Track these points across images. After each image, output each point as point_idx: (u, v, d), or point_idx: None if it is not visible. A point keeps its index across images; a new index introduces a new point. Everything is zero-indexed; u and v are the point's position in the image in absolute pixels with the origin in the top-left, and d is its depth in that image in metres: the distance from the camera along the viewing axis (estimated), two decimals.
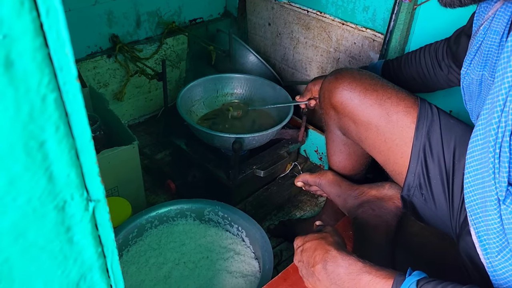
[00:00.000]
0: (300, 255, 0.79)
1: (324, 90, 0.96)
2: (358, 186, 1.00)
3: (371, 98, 0.88)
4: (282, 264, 1.29)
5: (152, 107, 1.79)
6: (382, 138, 0.88)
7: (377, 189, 0.98)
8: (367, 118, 0.89)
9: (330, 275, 0.71)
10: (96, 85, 1.58)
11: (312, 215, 1.45)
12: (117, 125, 1.29)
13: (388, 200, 0.95)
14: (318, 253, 0.75)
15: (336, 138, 1.02)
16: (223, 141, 1.28)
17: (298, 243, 0.81)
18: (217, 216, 1.18)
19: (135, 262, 1.09)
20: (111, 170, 1.19)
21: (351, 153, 1.03)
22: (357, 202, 0.98)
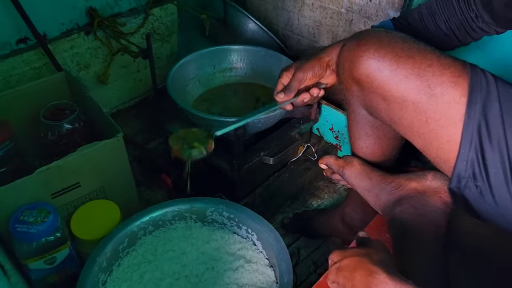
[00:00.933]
0: (335, 274, 0.62)
1: (344, 60, 0.76)
2: (394, 178, 0.81)
3: (405, 67, 0.68)
4: (300, 265, 1.11)
5: (143, 89, 1.60)
6: (422, 118, 0.69)
7: (418, 181, 0.78)
8: (402, 93, 0.69)
9: None
10: (75, 68, 1.38)
11: (331, 203, 1.27)
12: (99, 114, 1.10)
13: (432, 195, 0.76)
14: (359, 274, 0.58)
15: (361, 119, 0.83)
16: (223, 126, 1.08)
17: (334, 258, 0.64)
18: (221, 217, 1.00)
19: (127, 279, 0.91)
20: (93, 168, 1.00)
21: (380, 136, 0.84)
22: (394, 198, 0.79)
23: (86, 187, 1.02)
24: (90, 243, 0.95)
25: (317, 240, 1.17)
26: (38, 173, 0.92)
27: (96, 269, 0.88)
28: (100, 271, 0.89)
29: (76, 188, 1.00)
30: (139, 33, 1.46)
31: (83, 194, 1.02)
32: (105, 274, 0.91)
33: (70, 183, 0.98)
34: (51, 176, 0.94)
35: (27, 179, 0.91)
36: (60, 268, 0.96)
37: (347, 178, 0.86)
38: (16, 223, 0.89)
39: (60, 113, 1.11)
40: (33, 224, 0.89)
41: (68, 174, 0.97)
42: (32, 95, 1.15)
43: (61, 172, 0.95)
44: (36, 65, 1.29)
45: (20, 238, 0.88)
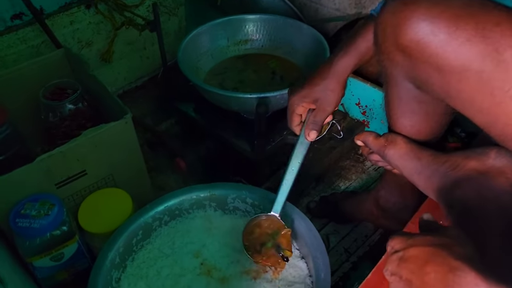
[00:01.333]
0: (396, 265, 0.51)
1: (386, 25, 0.64)
2: (448, 157, 0.69)
3: (467, 28, 0.56)
4: (330, 253, 1.01)
5: (150, 67, 1.49)
6: (487, 89, 0.57)
7: (479, 159, 0.67)
8: (462, 61, 0.57)
9: None
10: (77, 46, 1.28)
11: (360, 185, 1.17)
12: (105, 94, 0.99)
13: (497, 176, 0.65)
14: (434, 269, 0.46)
15: (406, 94, 0.71)
16: (242, 103, 0.98)
17: (396, 245, 0.53)
18: (245, 204, 0.90)
19: (143, 276, 0.82)
20: (100, 154, 0.91)
21: (429, 113, 0.72)
22: (450, 181, 0.67)
23: (93, 175, 0.92)
24: (101, 237, 0.86)
25: (347, 225, 1.07)
26: (39, 161, 0.82)
27: (109, 266, 0.79)
28: (112, 268, 0.80)
29: (82, 177, 0.90)
30: (144, 6, 1.35)
31: (90, 183, 0.92)
32: (118, 271, 0.81)
33: (75, 171, 0.89)
34: (54, 164, 0.84)
35: (28, 167, 0.81)
36: (69, 264, 0.87)
37: (390, 159, 0.75)
38: (17, 218, 0.79)
39: (62, 92, 1.01)
40: (36, 218, 0.79)
41: (73, 161, 0.87)
42: (30, 75, 1.05)
43: (64, 160, 0.85)
44: (33, 43, 1.19)
45: (22, 234, 0.78)
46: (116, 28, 1.27)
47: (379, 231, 1.05)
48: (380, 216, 0.98)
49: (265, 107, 0.92)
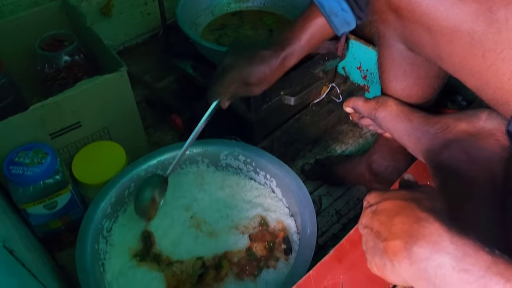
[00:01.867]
0: (369, 218, 0.51)
1: None
2: (439, 118, 0.68)
3: None
4: (321, 214, 1.03)
5: (152, 23, 1.47)
6: (478, 51, 0.55)
7: (469, 121, 0.66)
8: (453, 21, 0.55)
9: (418, 265, 0.42)
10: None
11: (357, 149, 1.16)
12: (101, 47, 0.98)
13: (487, 137, 0.64)
14: (401, 220, 0.46)
15: (398, 56, 0.70)
16: None
17: (371, 199, 0.53)
18: (237, 161, 0.90)
19: (133, 226, 0.83)
20: (95, 106, 0.91)
21: (421, 75, 0.71)
22: (440, 142, 0.67)
23: (88, 127, 0.92)
24: (94, 188, 0.87)
25: (340, 188, 1.08)
26: (33, 110, 0.82)
27: (100, 215, 0.80)
28: (104, 218, 0.81)
29: (77, 128, 0.91)
30: None
31: (85, 135, 0.93)
32: (110, 221, 0.83)
33: (70, 122, 0.89)
34: (48, 114, 0.85)
35: (21, 116, 0.81)
36: (62, 213, 0.88)
37: (381, 122, 0.75)
38: (10, 165, 0.80)
39: (58, 44, 1.00)
40: (29, 166, 0.80)
41: (67, 112, 0.87)
42: (27, 26, 1.04)
43: (59, 110, 0.85)
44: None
45: (16, 181, 0.80)
46: None
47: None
48: (372, 180, 0.98)
49: None
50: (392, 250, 0.45)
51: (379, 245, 0.48)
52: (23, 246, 0.66)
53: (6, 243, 0.51)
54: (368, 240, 0.50)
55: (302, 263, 0.71)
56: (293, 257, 0.78)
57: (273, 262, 0.78)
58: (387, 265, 0.46)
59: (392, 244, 0.45)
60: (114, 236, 0.82)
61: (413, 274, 0.43)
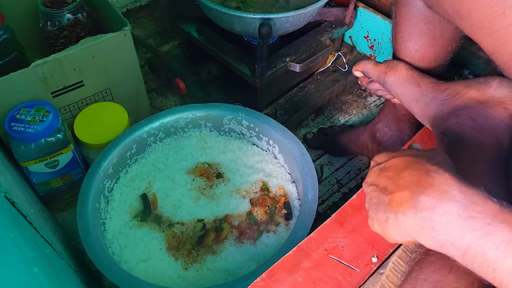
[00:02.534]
0: (375, 176, 0.49)
1: None
2: (449, 85, 0.67)
3: None
4: (322, 183, 1.02)
5: None
6: (499, 8, 0.53)
7: (479, 88, 0.65)
8: None
9: (424, 213, 0.41)
10: None
11: (360, 120, 1.15)
12: (105, 6, 0.96)
13: (496, 105, 0.63)
14: (409, 173, 0.44)
15: (415, 13, 0.68)
16: (246, 24, 0.94)
17: (379, 159, 0.51)
18: (240, 126, 0.89)
19: (135, 187, 0.83)
20: (98, 66, 0.89)
21: (436, 36, 0.69)
22: (448, 109, 0.66)
23: (91, 87, 0.91)
24: (96, 148, 0.87)
25: (342, 158, 1.07)
26: (34, 66, 0.81)
27: (102, 175, 0.80)
28: (105, 178, 0.81)
29: (79, 88, 0.89)
30: None
31: (87, 95, 0.92)
32: (111, 181, 0.83)
33: (72, 81, 0.88)
34: (50, 72, 0.83)
35: (23, 72, 0.80)
36: (64, 172, 0.88)
37: (390, 86, 0.73)
38: (12, 122, 0.80)
39: (61, 1, 0.97)
40: (31, 123, 0.79)
41: (70, 70, 0.86)
42: None
43: (61, 68, 0.84)
44: None
45: (17, 137, 0.79)
46: None
47: None
48: (375, 149, 0.97)
49: (268, 29, 0.89)
50: (398, 201, 0.43)
51: (384, 199, 0.46)
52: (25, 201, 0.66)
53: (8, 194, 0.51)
54: (372, 197, 0.49)
55: (302, 228, 0.71)
56: (293, 222, 0.78)
57: (273, 227, 0.78)
58: (390, 219, 0.44)
59: (398, 195, 0.44)
60: (115, 196, 0.82)
61: (417, 224, 0.41)
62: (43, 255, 0.51)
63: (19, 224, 0.49)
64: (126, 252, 0.75)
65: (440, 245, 0.41)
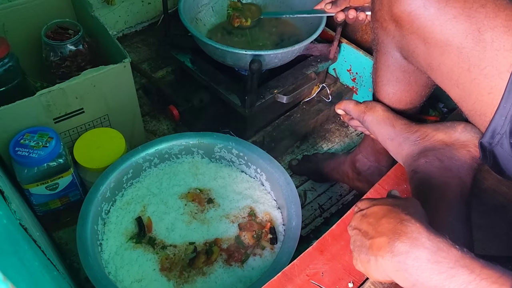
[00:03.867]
0: (358, 221, 0.57)
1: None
2: (419, 127, 0.75)
3: (456, 6, 0.60)
4: (305, 208, 1.09)
5: (151, 13, 1.50)
6: (464, 65, 0.62)
7: (446, 132, 0.73)
8: (447, 36, 0.62)
9: (399, 258, 0.48)
10: None
11: (342, 148, 1.23)
12: (105, 36, 1.02)
13: (460, 148, 0.71)
14: (386, 220, 0.52)
15: (393, 62, 0.76)
16: (238, 59, 1.02)
17: (362, 205, 0.58)
18: (230, 154, 0.96)
19: (130, 210, 0.89)
20: (98, 94, 0.95)
21: (411, 82, 0.77)
22: (418, 149, 0.74)
23: (90, 113, 0.97)
24: (93, 172, 0.92)
25: (324, 184, 1.14)
26: (39, 95, 0.86)
27: (100, 199, 0.85)
28: (103, 201, 0.86)
29: (79, 114, 0.95)
30: None
31: (87, 121, 0.97)
32: (108, 204, 0.88)
33: (73, 108, 0.93)
34: (54, 100, 0.89)
35: (29, 100, 0.86)
36: (63, 194, 0.93)
37: (368, 125, 0.81)
38: (17, 146, 0.85)
39: (63, 32, 1.03)
40: (34, 149, 0.85)
41: (72, 98, 0.91)
42: (33, 11, 1.07)
43: (64, 96, 0.90)
44: None
45: (21, 162, 0.84)
46: None
47: (352, 192, 1.12)
48: (355, 178, 1.04)
49: (258, 65, 0.96)
50: (377, 245, 0.51)
51: (366, 243, 0.53)
52: (31, 224, 0.71)
53: (21, 221, 0.56)
54: (356, 240, 0.56)
55: (286, 252, 0.77)
56: (278, 246, 0.85)
57: (259, 250, 0.84)
58: (371, 260, 0.51)
59: (377, 241, 0.51)
60: (112, 219, 0.88)
61: (393, 266, 0.49)
62: (53, 277, 0.56)
63: (34, 250, 0.54)
64: (122, 272, 0.80)
65: (412, 284, 0.48)
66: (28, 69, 1.06)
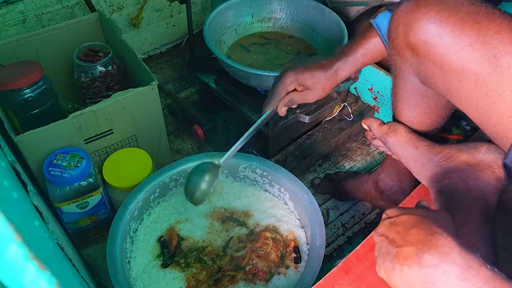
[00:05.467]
0: (386, 228, 0.56)
1: (399, 23, 0.69)
2: (443, 148, 0.76)
3: (470, 34, 0.61)
4: (328, 226, 1.10)
5: (175, 34, 1.55)
6: (483, 90, 0.63)
7: (470, 153, 0.73)
8: (463, 63, 0.62)
9: (427, 270, 0.48)
10: (108, 9, 1.34)
11: (364, 166, 1.24)
12: (133, 59, 1.06)
13: (485, 169, 0.72)
14: (417, 230, 0.51)
15: (411, 87, 0.77)
16: (261, 80, 1.04)
17: (391, 213, 0.59)
18: (254, 174, 0.98)
19: (157, 229, 0.91)
20: (126, 116, 0.98)
21: (431, 106, 0.78)
22: (442, 171, 0.74)
23: (119, 134, 1.00)
24: (122, 191, 0.95)
25: (347, 202, 1.15)
26: (72, 117, 0.90)
27: (128, 217, 0.88)
28: (131, 219, 0.89)
29: (109, 135, 0.99)
30: None
31: (115, 141, 1.01)
32: (136, 223, 0.91)
33: (103, 129, 0.97)
34: (85, 122, 0.93)
35: (62, 123, 0.89)
36: (92, 212, 0.96)
37: (390, 146, 0.82)
38: (50, 166, 0.88)
39: (94, 55, 1.08)
40: (66, 169, 0.88)
41: (102, 120, 0.95)
42: (65, 36, 1.12)
43: (95, 118, 0.93)
44: (68, 3, 1.25)
45: (54, 181, 0.88)
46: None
47: (375, 210, 1.13)
48: (378, 197, 1.05)
49: None
50: (404, 255, 0.50)
51: (392, 251, 0.53)
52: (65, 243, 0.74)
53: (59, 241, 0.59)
54: (381, 247, 0.56)
55: (311, 272, 0.78)
56: (302, 265, 0.86)
57: (283, 269, 0.85)
58: (396, 269, 0.51)
59: (405, 250, 0.51)
60: (139, 237, 0.90)
61: (420, 278, 0.48)
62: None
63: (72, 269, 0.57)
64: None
65: None
66: (60, 90, 1.10)
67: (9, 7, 1.14)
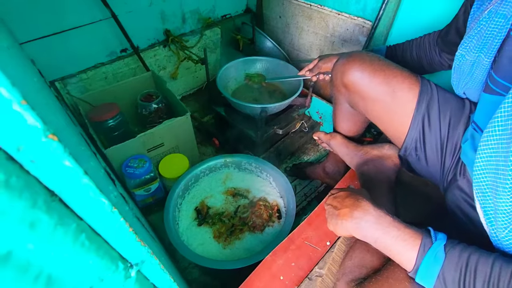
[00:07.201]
0: (331, 199, 0.58)
1: (337, 71, 0.71)
2: (362, 147, 0.78)
3: (379, 77, 0.64)
4: (297, 195, 1.11)
5: (198, 82, 1.54)
6: (386, 110, 0.65)
7: (378, 149, 0.76)
8: (375, 95, 0.65)
9: (356, 220, 0.50)
10: (156, 69, 1.33)
11: (316, 158, 1.25)
12: (173, 99, 1.06)
13: (387, 159, 0.74)
14: (348, 199, 0.53)
15: (344, 110, 0.79)
16: (252, 110, 1.05)
17: (333, 192, 0.60)
18: (251, 166, 0.99)
19: (194, 202, 0.91)
20: (171, 134, 0.98)
21: (356, 121, 0.80)
22: (362, 160, 0.76)
23: (167, 145, 1.00)
24: (171, 180, 0.95)
25: (306, 181, 1.16)
26: (139, 137, 0.90)
27: (175, 196, 0.88)
28: (178, 197, 0.89)
29: (161, 146, 0.98)
30: (196, 47, 1.39)
31: (165, 150, 1.01)
32: (180, 199, 0.91)
33: (158, 143, 0.97)
34: (147, 139, 0.92)
35: (132, 140, 0.89)
36: (153, 194, 0.96)
37: (332, 146, 0.84)
38: (126, 167, 0.88)
39: (150, 97, 1.07)
40: (137, 168, 0.88)
41: (157, 137, 0.95)
42: (131, 86, 1.11)
43: (153, 136, 0.93)
44: (132, 66, 1.24)
45: (130, 176, 0.87)
46: (180, 60, 1.32)
47: (323, 185, 1.14)
48: (325, 177, 1.06)
49: (265, 113, 1.00)
50: (343, 214, 0.52)
51: (335, 213, 0.54)
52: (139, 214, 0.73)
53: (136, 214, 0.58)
54: (328, 211, 0.57)
55: (288, 224, 0.79)
56: (282, 221, 0.87)
57: (271, 223, 0.86)
58: (338, 223, 0.53)
59: (343, 211, 0.53)
60: (183, 208, 0.90)
61: (352, 226, 0.51)
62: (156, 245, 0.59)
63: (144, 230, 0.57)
64: (191, 239, 0.82)
65: (363, 237, 0.50)
66: (130, 119, 1.10)
67: (97, 69, 1.13)
